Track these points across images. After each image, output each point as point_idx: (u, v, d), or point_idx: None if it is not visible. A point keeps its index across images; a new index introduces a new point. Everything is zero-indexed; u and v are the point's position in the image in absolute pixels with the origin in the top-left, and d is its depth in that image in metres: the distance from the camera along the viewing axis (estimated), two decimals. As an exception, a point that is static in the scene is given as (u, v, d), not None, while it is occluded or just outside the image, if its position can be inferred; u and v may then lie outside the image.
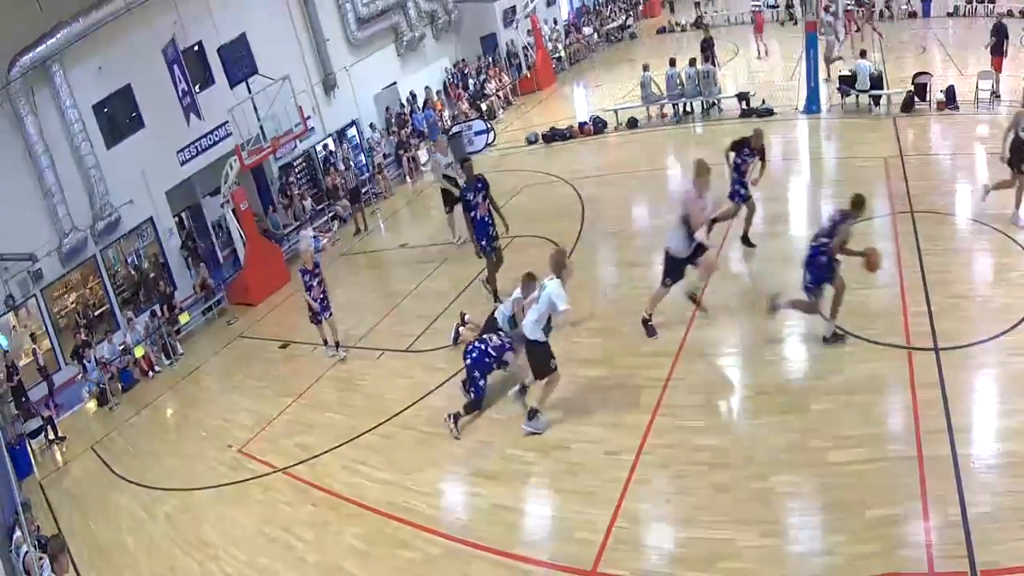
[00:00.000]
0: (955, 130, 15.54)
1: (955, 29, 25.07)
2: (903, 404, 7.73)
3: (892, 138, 15.27)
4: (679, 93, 17.85)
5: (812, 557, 6.23)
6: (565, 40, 27.33)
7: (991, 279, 10.05)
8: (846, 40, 21.56)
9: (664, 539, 6.65)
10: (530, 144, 19.01)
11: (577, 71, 26.43)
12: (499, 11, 24.37)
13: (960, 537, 6.08)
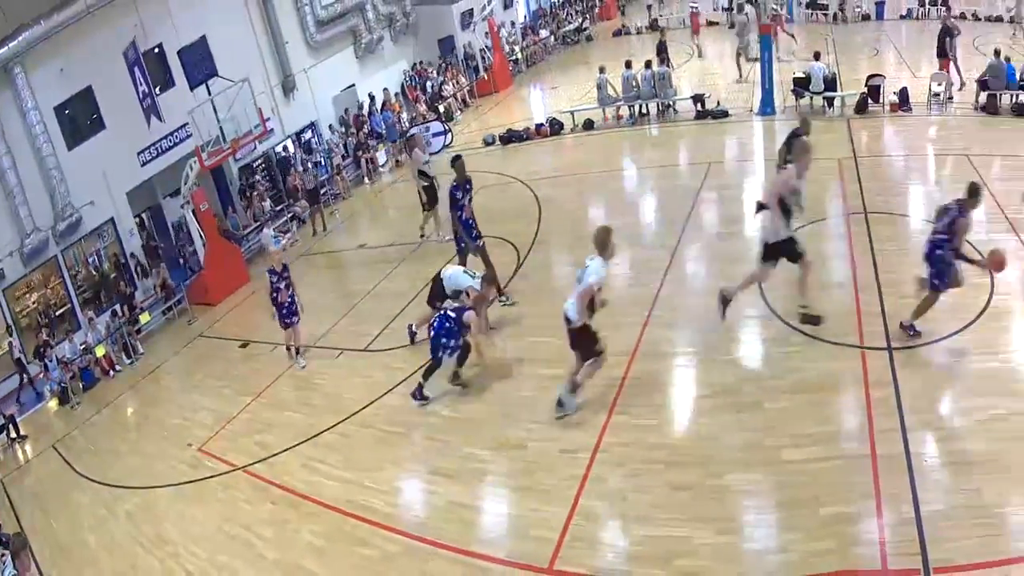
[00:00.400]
0: (908, 132, 15.79)
1: (908, 31, 25.55)
2: (857, 403, 7.75)
3: (846, 139, 15.41)
4: (635, 95, 17.99)
5: (767, 554, 6.21)
6: (522, 42, 27.61)
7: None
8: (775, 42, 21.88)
9: (620, 537, 6.66)
10: (487, 145, 19.10)
11: (534, 73, 26.67)
12: (456, 14, 24.69)
13: (913, 535, 6.09)
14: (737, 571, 6.10)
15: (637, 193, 15.28)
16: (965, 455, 6.89)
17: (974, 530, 6.03)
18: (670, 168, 15.79)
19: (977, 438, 7.08)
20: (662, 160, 16.31)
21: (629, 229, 12.44)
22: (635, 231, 12.70)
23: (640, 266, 11.35)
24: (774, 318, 9.42)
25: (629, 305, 9.95)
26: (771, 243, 8.69)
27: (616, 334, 9.15)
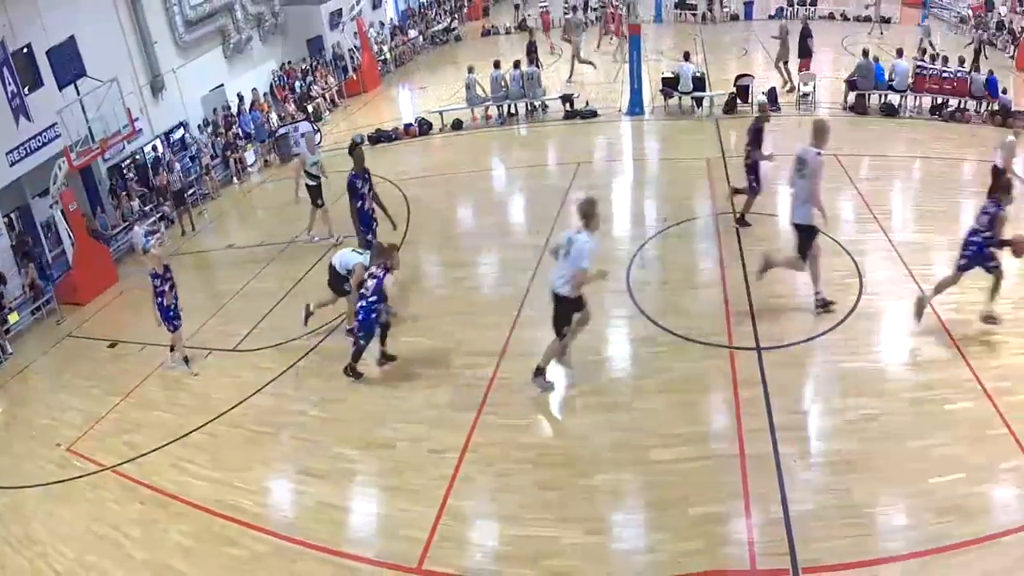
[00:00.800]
0: (777, 131, 20.09)
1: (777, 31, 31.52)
2: (726, 403, 10.32)
3: (714, 139, 19.98)
4: (503, 95, 23.38)
5: (636, 555, 8.23)
6: (391, 43, 35.29)
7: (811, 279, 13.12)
8: (616, 43, 29.44)
9: (489, 536, 8.62)
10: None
11: (403, 73, 33.42)
12: (325, 14, 31.57)
13: (782, 535, 8.34)
14: (606, 571, 8.05)
15: (506, 193, 19.02)
16: (834, 455, 9.50)
17: (843, 530, 8.40)
18: (539, 168, 19.97)
19: (847, 438, 9.78)
20: (531, 160, 20.56)
21: (498, 229, 15.80)
22: (504, 231, 15.91)
23: (509, 266, 14.27)
24: (643, 318, 12.14)
25: (498, 305, 13.11)
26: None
27: (485, 334, 12.22)
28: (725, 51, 29.60)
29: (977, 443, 9.71)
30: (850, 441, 9.73)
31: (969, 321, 12.19)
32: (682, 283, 12.80)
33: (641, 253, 14.66)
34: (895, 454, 9.52)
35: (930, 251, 14.52)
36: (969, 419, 10.16)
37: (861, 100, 22.82)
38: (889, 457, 9.45)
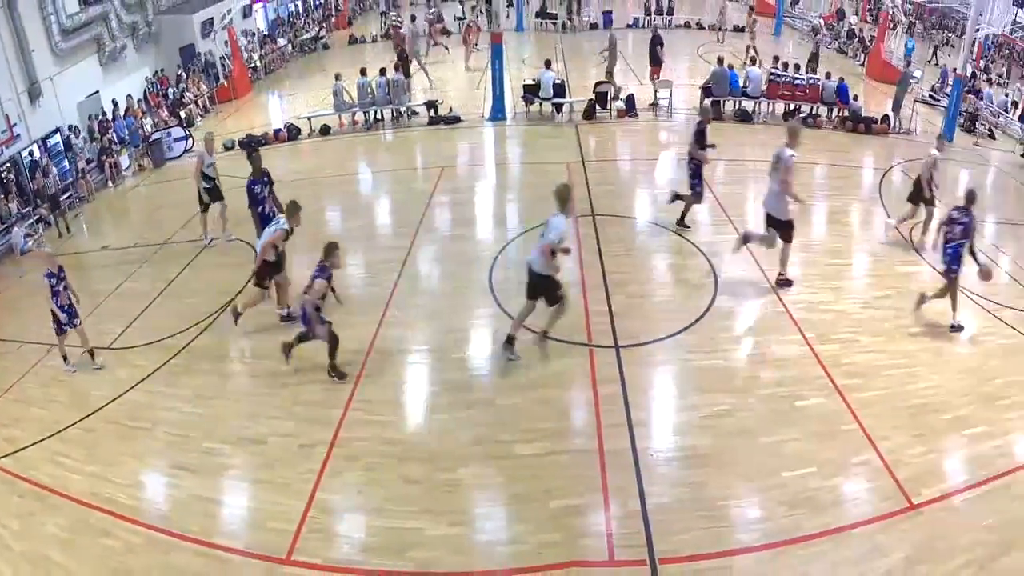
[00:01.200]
0: (634, 137, 21.71)
1: (635, 40, 34.49)
2: (585, 399, 10.65)
3: (574, 144, 20.85)
4: (370, 101, 24.15)
5: (498, 546, 8.46)
6: (260, 51, 36.09)
7: (668, 280, 14.30)
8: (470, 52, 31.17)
9: (355, 528, 8.88)
10: (227, 150, 23.70)
11: (273, 80, 34.18)
12: (197, 23, 32.34)
13: (640, 527, 8.62)
14: (468, 562, 8.25)
15: (372, 196, 19.43)
16: (690, 450, 9.88)
17: (699, 522, 8.73)
18: (404, 172, 20.49)
19: (701, 433, 10.18)
20: (397, 164, 21.11)
21: (364, 231, 16.11)
22: (370, 233, 16.20)
23: (375, 267, 14.54)
24: (506, 317, 12.34)
25: (364, 304, 13.24)
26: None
27: (352, 332, 12.20)
28: (584, 59, 30.59)
29: (828, 438, 10.27)
30: (705, 436, 10.15)
31: (821, 321, 12.98)
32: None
33: (503, 254, 14.93)
34: (748, 449, 9.97)
35: None
36: (820, 415, 10.74)
37: (716, 106, 24.00)
38: (742, 452, 9.90)
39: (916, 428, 10.69)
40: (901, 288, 14.55)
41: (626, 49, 32.32)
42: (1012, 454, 10.51)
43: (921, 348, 12.71)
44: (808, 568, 8.31)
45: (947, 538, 8.82)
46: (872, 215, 17.79)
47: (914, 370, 12.04)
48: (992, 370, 12.39)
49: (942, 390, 11.63)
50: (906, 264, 15.77)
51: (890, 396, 11.32)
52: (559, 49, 31.40)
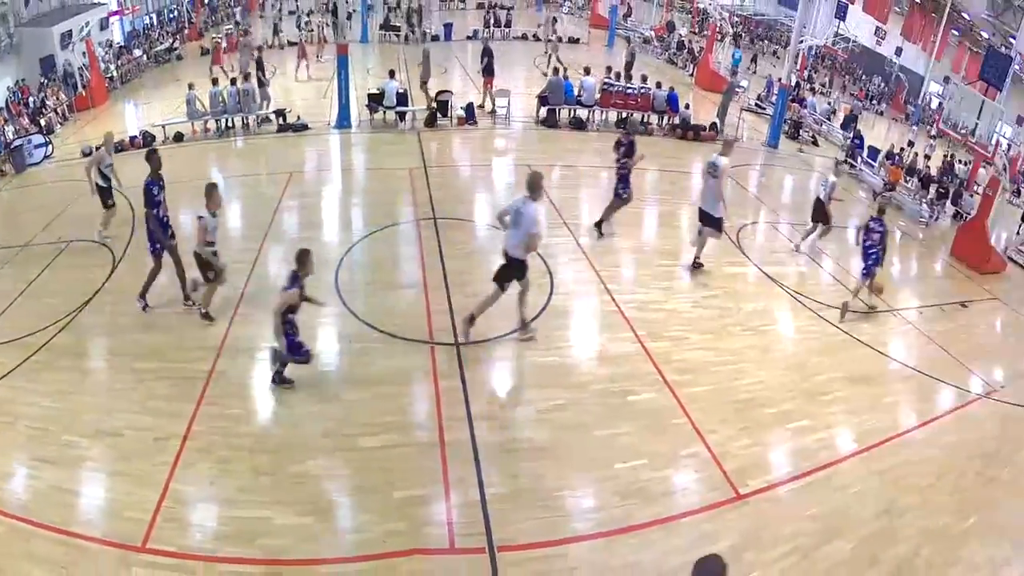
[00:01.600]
0: (474, 143, 22.79)
1: (474, 51, 35.25)
2: (427, 394, 10.99)
3: (416, 151, 21.68)
4: (222, 110, 24.66)
5: (344, 534, 8.74)
6: (117, 61, 36.83)
7: None
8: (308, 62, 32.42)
9: (208, 518, 9.02)
10: (84, 156, 23.31)
11: (129, 89, 34.62)
12: (57, 35, 32.99)
13: (479, 516, 8.94)
14: (315, 550, 8.44)
15: (224, 200, 18.46)
16: (527, 442, 10.29)
17: (536, 512, 9.10)
18: (254, 178, 20.90)
19: (539, 427, 10.60)
20: (247, 170, 21.55)
21: (216, 234, 15.48)
22: (222, 235, 15.52)
23: (226, 269, 14.18)
24: (351, 316, 12.78)
25: (216, 304, 13.33)
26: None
27: (204, 330, 12.80)
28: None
29: (659, 431, 10.86)
30: (542, 430, 10.59)
31: (652, 319, 13.73)
32: (387, 284, 13.57)
33: (349, 256, 15.20)
34: (583, 442, 10.43)
35: (615, 254, 16.51)
36: (651, 409, 11.33)
37: (552, 114, 25.65)
38: (577, 444, 10.37)
39: (743, 422, 11.41)
40: (728, 288, 15.64)
41: (466, 60, 34.36)
42: (834, 447, 11.43)
43: (748, 346, 13.61)
44: (639, 555, 8.74)
45: (772, 527, 9.46)
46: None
47: (741, 366, 12.87)
48: (815, 367, 13.42)
49: (767, 386, 12.49)
50: (733, 265, 16.94)
51: (718, 391, 12.05)
52: (402, 60, 32.49)
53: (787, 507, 9.95)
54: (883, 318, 16.11)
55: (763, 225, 20.55)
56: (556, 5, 60.34)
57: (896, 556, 9.41)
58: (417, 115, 24.55)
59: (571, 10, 58.98)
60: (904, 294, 17.70)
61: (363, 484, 9.42)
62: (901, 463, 11.38)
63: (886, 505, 10.33)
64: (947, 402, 13.67)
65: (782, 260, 18.03)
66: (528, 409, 11.02)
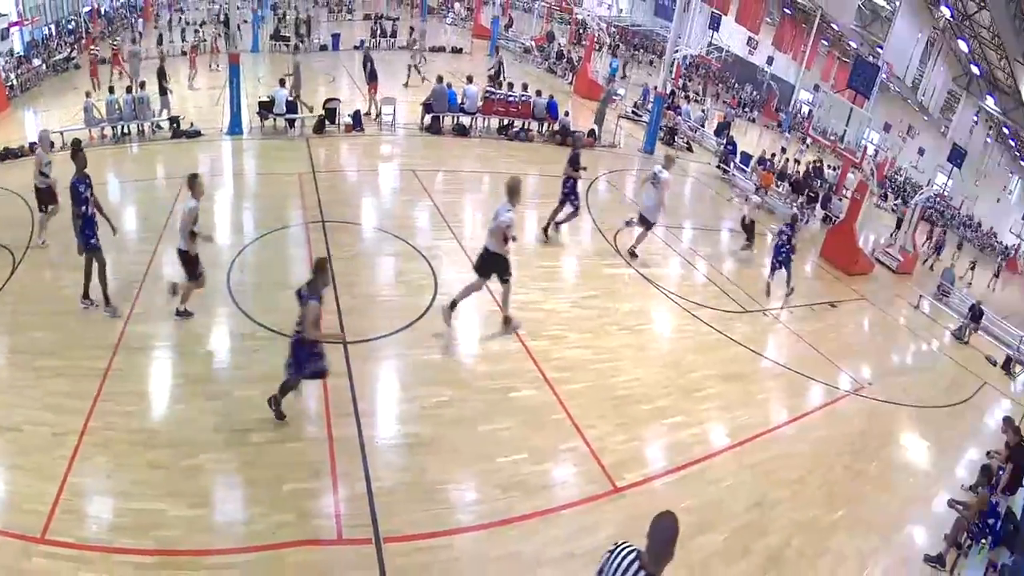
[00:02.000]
0: (361, 150, 23.29)
1: (360, 60, 36.01)
2: (316, 391, 11.21)
3: (306, 157, 22.13)
4: (118, 117, 24.89)
5: (235, 526, 8.95)
6: (17, 70, 37.14)
7: (392, 281, 15.26)
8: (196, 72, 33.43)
9: (104, 510, 9.22)
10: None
11: (28, 97, 34.91)
12: None
13: (366, 508, 9.30)
14: (207, 539, 8.69)
15: (120, 204, 19.32)
16: (412, 437, 10.69)
17: (421, 504, 9.50)
18: (148, 183, 20.94)
19: (423, 422, 11.02)
20: (142, 175, 21.47)
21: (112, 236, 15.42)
22: (118, 237, 15.68)
23: (123, 269, 14.70)
24: (242, 315, 13.02)
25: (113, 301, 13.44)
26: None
27: (100, 328, 12.84)
28: (315, 78, 32.60)
29: (539, 427, 11.39)
30: (426, 425, 11.00)
31: (532, 319, 14.34)
32: (277, 284, 13.72)
33: (240, 258, 15.36)
34: (466, 437, 10.91)
35: None
36: (532, 405, 11.86)
37: (436, 121, 26.35)
38: (461, 439, 10.84)
39: (620, 418, 12.03)
40: (606, 289, 16.41)
41: (353, 69, 35.08)
42: (707, 442, 12.14)
43: (625, 344, 14.30)
44: (520, 546, 9.21)
45: (648, 518, 9.67)
46: (579, 221, 19.61)
47: (618, 364, 13.54)
48: (690, 364, 14.22)
49: (644, 383, 13.18)
50: (611, 267, 17.74)
51: (596, 388, 12.66)
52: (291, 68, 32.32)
53: (662, 500, 10.34)
54: (755, 317, 17.05)
55: (640, 228, 21.28)
56: (440, 16, 61.92)
57: (767, 547, 10.12)
58: (306, 122, 25.06)
59: (454, 21, 60.32)
60: (775, 294, 18.64)
61: (253, 477, 9.64)
62: (772, 457, 12.19)
63: (758, 498, 11.07)
64: (817, 399, 14.66)
65: (658, 262, 18.92)
66: (413, 405, 11.38)
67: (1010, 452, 13.52)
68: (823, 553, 10.35)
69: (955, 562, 11.18)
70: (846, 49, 60.00)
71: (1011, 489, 12.97)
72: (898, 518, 11.90)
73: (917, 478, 13.35)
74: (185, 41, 40.04)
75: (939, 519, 12.18)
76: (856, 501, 11.73)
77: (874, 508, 11.79)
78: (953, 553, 11.37)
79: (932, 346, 21.09)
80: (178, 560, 8.43)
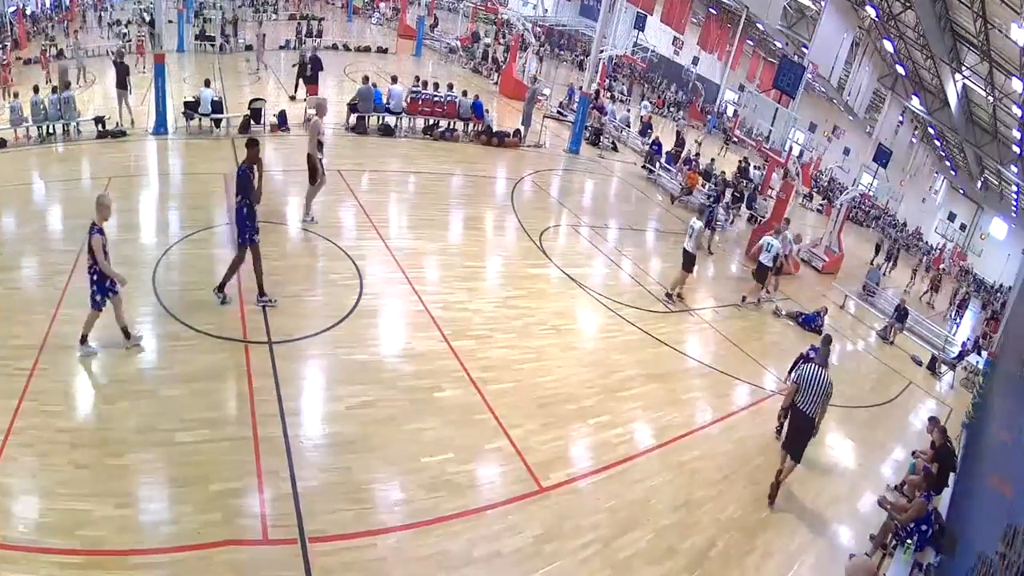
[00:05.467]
0: (287, 149, 23.30)
1: (286, 60, 37.92)
2: (241, 391, 11.48)
3: (231, 156, 22.32)
4: (43, 117, 24.97)
5: (161, 525, 9.10)
6: None
7: (318, 280, 15.53)
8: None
9: (30, 510, 9.31)
10: None
11: None
12: None
13: (291, 508, 9.54)
14: (134, 539, 8.82)
15: (45, 204, 19.48)
16: (337, 437, 10.99)
17: (346, 504, 9.79)
18: (73, 182, 20.90)
19: (348, 422, 11.33)
20: (67, 175, 21.44)
21: (38, 235, 16.33)
22: (43, 237, 16.29)
23: (48, 268, 14.80)
24: (168, 315, 13.16)
25: (37, 303, 13.62)
26: None
27: (27, 329, 12.81)
28: (240, 78, 33.11)
29: (464, 426, 11.79)
30: (351, 425, 11.31)
31: (457, 318, 14.78)
32: (202, 284, 13.95)
33: (166, 257, 15.42)
34: (391, 437, 11.23)
35: (422, 255, 17.48)
36: (457, 405, 12.26)
37: (361, 121, 26.75)
38: (386, 439, 11.15)
39: (545, 417, 12.48)
40: (531, 288, 16.92)
41: (278, 69, 36.16)
42: (632, 442, 12.63)
43: (549, 344, 14.79)
44: (446, 546, 9.55)
45: (573, 518, 10.49)
46: (504, 221, 20.43)
47: (543, 364, 14.03)
48: (615, 364, 14.75)
49: (569, 382, 13.67)
50: (536, 267, 18.29)
51: (521, 388, 13.11)
52: (217, 68, 33.25)
53: (587, 499, 10.96)
54: (680, 317, 17.64)
55: (565, 228, 22.01)
56: (365, 16, 62.89)
57: (693, 546, 10.62)
58: (231, 122, 25.26)
59: (380, 20, 61.13)
60: (700, 294, 19.26)
61: (179, 477, 9.79)
62: (698, 457, 12.74)
63: (684, 498, 11.59)
64: (742, 398, 15.31)
65: (583, 262, 19.51)
66: (338, 405, 11.65)
67: (935, 453, 14.16)
68: (749, 552, 10.88)
69: (881, 562, 11.69)
70: (772, 49, 61.48)
71: (936, 489, 13.41)
72: (825, 517, 12.52)
73: (844, 477, 14.03)
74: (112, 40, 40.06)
75: (865, 518, 12.85)
76: (782, 500, 12.25)
77: (800, 507, 12.38)
78: (879, 554, 11.90)
79: (858, 346, 22.09)
80: (104, 560, 8.53)
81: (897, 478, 14.50)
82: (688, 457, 12.67)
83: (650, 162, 31.14)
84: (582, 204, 25.62)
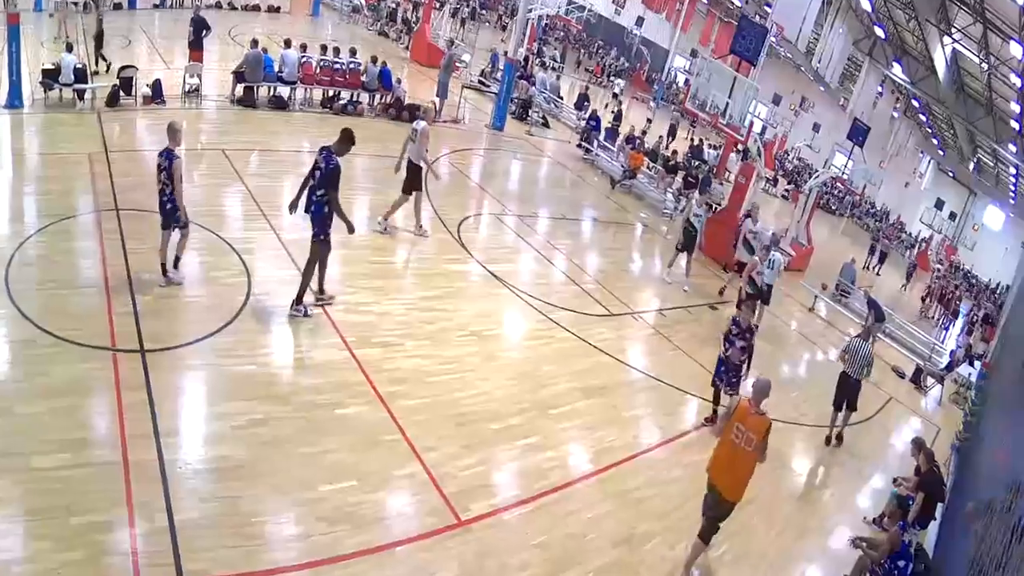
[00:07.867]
0: (162, 125, 22.26)
1: (162, 21, 37.50)
2: (109, 408, 11.36)
3: (97, 134, 22.17)
4: None
5: (14, 564, 8.90)
6: None
7: (199, 278, 15.41)
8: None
9: None
10: None
11: None
12: None
13: (168, 544, 9.53)
14: None
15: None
16: (222, 461, 10.98)
17: (231, 539, 9.85)
18: None
19: (234, 443, 11.36)
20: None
21: None
22: None
23: None
24: (23, 319, 12.86)
25: None
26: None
27: None
28: (108, 41, 31.63)
29: (370, 449, 11.95)
30: (238, 447, 11.32)
31: (361, 323, 14.98)
32: (63, 283, 13.76)
33: (20, 251, 15.17)
34: (285, 461, 11.29)
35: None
36: (362, 424, 12.43)
37: (250, 92, 26.78)
38: (279, 464, 11.20)
39: (464, 439, 12.70)
40: (450, 287, 17.21)
41: (152, 31, 35.63)
42: (566, 466, 12.91)
43: (470, 353, 15.07)
44: (348, 588, 9.66)
45: (497, 556, 10.68)
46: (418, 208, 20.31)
47: (463, 376, 14.29)
48: (546, 375, 15.06)
49: (492, 398, 13.93)
50: (454, 263, 18.67)
51: (437, 404, 13.33)
52: (81, 30, 32.34)
53: (514, 534, 11.14)
54: (622, 321, 17.99)
55: (487, 218, 22.55)
56: None
57: (638, 589, 10.82)
58: (97, 93, 24.81)
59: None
60: (645, 295, 19.59)
61: (36, 508, 9.56)
62: (643, 485, 13.04)
63: (626, 532, 11.85)
64: (693, 416, 15.63)
65: (509, 257, 19.90)
66: (223, 424, 11.56)
67: (920, 480, 14.28)
68: (704, 594, 11.06)
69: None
70: (729, 8, 62.20)
71: (922, 523, 13.74)
72: (791, 554, 12.84)
73: (812, 508, 14.35)
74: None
75: (837, 556, 13.19)
76: (742, 535, 12.54)
77: (763, 543, 12.71)
78: (853, 598, 12.12)
79: (829, 355, 22.52)
80: (-55, 605, 8.47)
81: (876, 510, 14.81)
82: (631, 485, 12.92)
83: (587, 140, 31.43)
84: (507, 189, 26.09)
